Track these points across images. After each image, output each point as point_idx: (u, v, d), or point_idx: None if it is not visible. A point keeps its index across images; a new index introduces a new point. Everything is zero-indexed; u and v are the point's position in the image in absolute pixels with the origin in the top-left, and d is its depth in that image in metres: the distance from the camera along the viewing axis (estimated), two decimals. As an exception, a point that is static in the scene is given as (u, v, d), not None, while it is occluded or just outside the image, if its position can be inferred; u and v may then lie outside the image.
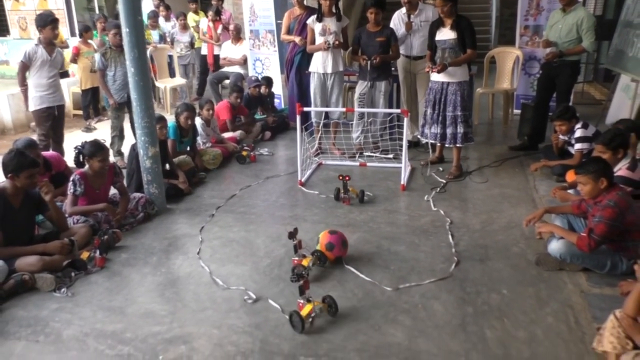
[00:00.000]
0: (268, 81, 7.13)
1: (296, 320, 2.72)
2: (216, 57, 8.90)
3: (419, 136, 5.46)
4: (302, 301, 2.80)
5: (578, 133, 4.65)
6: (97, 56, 5.64)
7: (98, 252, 3.48)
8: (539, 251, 3.43)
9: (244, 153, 5.69)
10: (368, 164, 5.42)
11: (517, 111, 6.84)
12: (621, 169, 3.54)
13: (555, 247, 3.21)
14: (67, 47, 7.89)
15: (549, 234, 3.41)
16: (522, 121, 6.13)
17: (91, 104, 7.82)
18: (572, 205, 3.46)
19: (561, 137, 4.89)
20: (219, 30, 8.90)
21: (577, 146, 4.64)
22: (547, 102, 5.73)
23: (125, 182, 4.41)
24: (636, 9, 5.82)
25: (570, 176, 4.41)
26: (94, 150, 3.91)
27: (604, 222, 2.95)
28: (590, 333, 2.62)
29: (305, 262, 3.23)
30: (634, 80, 5.64)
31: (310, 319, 2.76)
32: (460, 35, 4.69)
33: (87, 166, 3.96)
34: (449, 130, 4.86)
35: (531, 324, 2.75)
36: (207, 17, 9.04)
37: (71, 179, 3.90)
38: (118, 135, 5.76)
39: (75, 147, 4.00)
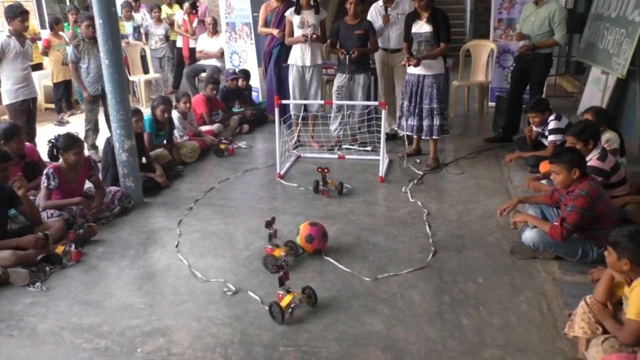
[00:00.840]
0: (245, 74, 7.09)
1: (276, 311, 2.74)
2: (192, 50, 8.87)
3: (396, 128, 5.51)
4: (281, 292, 2.81)
5: (551, 125, 4.75)
6: (69, 49, 5.55)
7: (73, 246, 3.44)
8: (514, 240, 3.50)
9: (222, 146, 5.66)
10: (347, 156, 5.44)
11: (492, 103, 6.95)
12: (592, 159, 3.63)
13: (528, 236, 3.28)
14: (39, 39, 7.70)
15: (523, 224, 3.48)
16: (497, 113, 6.23)
17: (64, 97, 7.66)
18: (545, 195, 3.54)
19: (535, 128, 4.99)
20: (195, 24, 8.81)
21: (551, 138, 4.73)
22: (520, 95, 5.83)
23: (100, 176, 4.35)
24: (606, 2, 5.95)
25: (544, 167, 4.50)
26: (69, 143, 3.84)
27: (576, 211, 3.03)
28: (562, 319, 2.69)
29: (277, 253, 3.25)
30: (604, 73, 5.77)
31: (290, 310, 2.78)
32: (435, 29, 4.73)
33: (61, 160, 3.89)
34: (425, 123, 4.91)
35: (506, 311, 2.81)
36: (182, 9, 8.94)
37: (45, 172, 3.83)
38: (92, 129, 5.67)
39: (49, 141, 3.92)
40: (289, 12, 5.46)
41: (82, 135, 5.50)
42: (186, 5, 8.82)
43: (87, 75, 5.47)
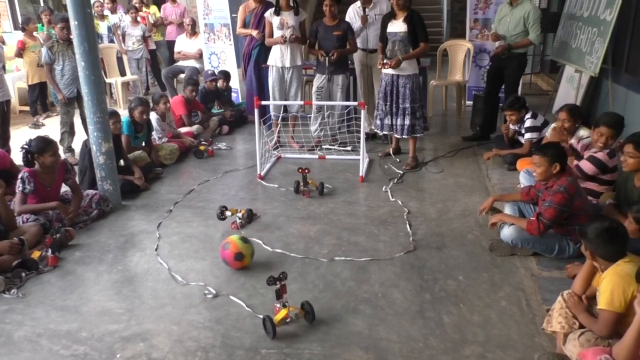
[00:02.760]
0: (226, 75, 7.06)
1: (268, 326, 2.62)
2: (152, 52, 9.05)
3: (372, 127, 5.54)
4: (278, 305, 2.68)
5: (528, 123, 4.82)
6: (43, 50, 5.45)
7: (50, 251, 3.37)
8: (493, 237, 3.54)
9: (202, 147, 5.62)
10: (327, 156, 5.45)
11: (469, 102, 7.03)
12: (600, 152, 3.64)
13: (507, 232, 3.33)
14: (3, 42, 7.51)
15: (501, 222, 3.53)
16: (475, 112, 6.30)
17: (39, 99, 7.52)
18: (521, 192, 3.60)
19: (511, 126, 5.06)
20: (151, 20, 9.03)
21: (527, 135, 4.81)
22: (496, 93, 5.91)
23: (77, 179, 4.28)
24: (578, 2, 6.07)
25: (521, 164, 4.58)
26: (43, 145, 3.77)
27: (553, 206, 3.08)
28: (540, 314, 2.73)
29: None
30: (578, 71, 5.88)
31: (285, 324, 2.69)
32: (411, 29, 4.78)
33: (36, 164, 3.81)
34: (398, 122, 4.99)
35: (486, 308, 2.84)
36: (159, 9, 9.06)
37: (20, 176, 3.75)
38: (68, 132, 5.58)
39: (22, 147, 3.81)
40: (269, 13, 5.45)
41: (57, 138, 5.45)
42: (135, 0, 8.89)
43: (61, 77, 5.37)
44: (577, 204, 3.12)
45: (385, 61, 4.83)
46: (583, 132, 4.20)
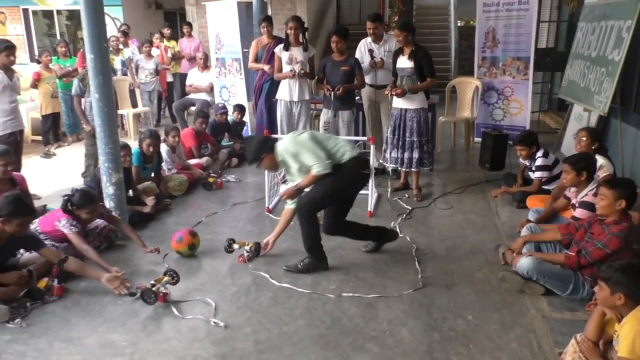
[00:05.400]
0: (241, 108, 7.17)
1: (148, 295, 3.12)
2: (169, 84, 9.33)
3: (381, 160, 5.57)
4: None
5: (538, 162, 4.79)
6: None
7: (56, 280, 3.36)
8: (505, 269, 3.49)
9: (211, 179, 5.64)
10: (334, 190, 5.44)
11: (477, 139, 7.04)
12: (587, 195, 3.60)
13: (524, 263, 3.25)
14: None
15: (513, 257, 3.46)
16: (483, 149, 6.31)
17: (51, 129, 7.65)
18: (559, 226, 3.42)
19: (521, 161, 5.05)
20: (169, 54, 9.27)
21: (537, 174, 4.78)
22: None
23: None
24: (586, 42, 6.14)
25: (531, 202, 4.55)
26: (83, 201, 3.74)
27: (606, 250, 2.96)
28: (552, 358, 2.66)
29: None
30: (587, 110, 5.90)
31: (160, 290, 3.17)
32: (417, 65, 4.88)
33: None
34: (406, 155, 5.06)
35: (496, 349, 2.78)
36: (176, 42, 9.37)
37: (64, 222, 3.70)
38: (93, 164, 5.61)
39: (65, 195, 3.82)
40: (278, 49, 5.56)
41: (82, 169, 5.52)
42: (156, 36, 9.23)
43: (91, 109, 5.44)
44: (626, 254, 2.98)
45: (390, 86, 4.98)
46: (602, 161, 4.14)
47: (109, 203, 4.21)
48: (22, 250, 3.65)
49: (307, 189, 3.62)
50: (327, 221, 3.72)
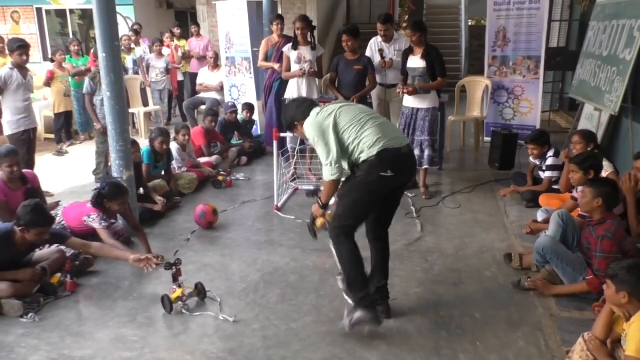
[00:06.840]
0: (250, 107, 7.21)
1: (166, 302, 3.11)
2: (180, 83, 9.48)
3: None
4: (174, 287, 3.16)
5: (549, 161, 4.78)
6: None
7: (69, 276, 3.41)
8: (510, 275, 3.49)
9: (220, 178, 5.68)
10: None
11: (487, 139, 7.02)
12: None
13: (541, 241, 3.32)
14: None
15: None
16: (493, 149, 6.29)
17: (64, 127, 7.74)
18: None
19: (531, 160, 5.03)
20: (179, 53, 9.40)
21: (547, 173, 4.77)
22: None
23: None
24: (597, 41, 6.10)
25: (543, 200, 4.53)
26: (115, 194, 3.83)
27: (605, 257, 2.98)
28: (559, 356, 2.67)
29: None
30: (597, 110, 5.86)
31: (181, 303, 3.13)
32: (429, 65, 4.88)
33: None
34: (417, 153, 5.04)
35: (503, 347, 2.78)
36: (186, 41, 9.50)
37: (94, 217, 3.83)
38: (104, 162, 5.68)
39: (96, 189, 3.92)
40: (287, 48, 5.59)
41: (92, 167, 5.60)
42: (166, 35, 9.38)
43: (101, 107, 5.50)
44: (628, 248, 3.02)
45: (402, 84, 5.00)
46: (604, 162, 4.14)
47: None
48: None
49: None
50: (365, 227, 3.14)
